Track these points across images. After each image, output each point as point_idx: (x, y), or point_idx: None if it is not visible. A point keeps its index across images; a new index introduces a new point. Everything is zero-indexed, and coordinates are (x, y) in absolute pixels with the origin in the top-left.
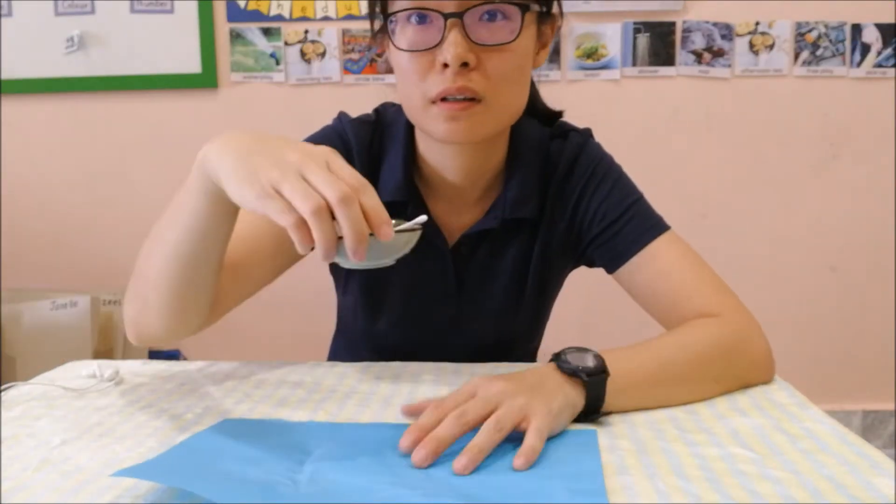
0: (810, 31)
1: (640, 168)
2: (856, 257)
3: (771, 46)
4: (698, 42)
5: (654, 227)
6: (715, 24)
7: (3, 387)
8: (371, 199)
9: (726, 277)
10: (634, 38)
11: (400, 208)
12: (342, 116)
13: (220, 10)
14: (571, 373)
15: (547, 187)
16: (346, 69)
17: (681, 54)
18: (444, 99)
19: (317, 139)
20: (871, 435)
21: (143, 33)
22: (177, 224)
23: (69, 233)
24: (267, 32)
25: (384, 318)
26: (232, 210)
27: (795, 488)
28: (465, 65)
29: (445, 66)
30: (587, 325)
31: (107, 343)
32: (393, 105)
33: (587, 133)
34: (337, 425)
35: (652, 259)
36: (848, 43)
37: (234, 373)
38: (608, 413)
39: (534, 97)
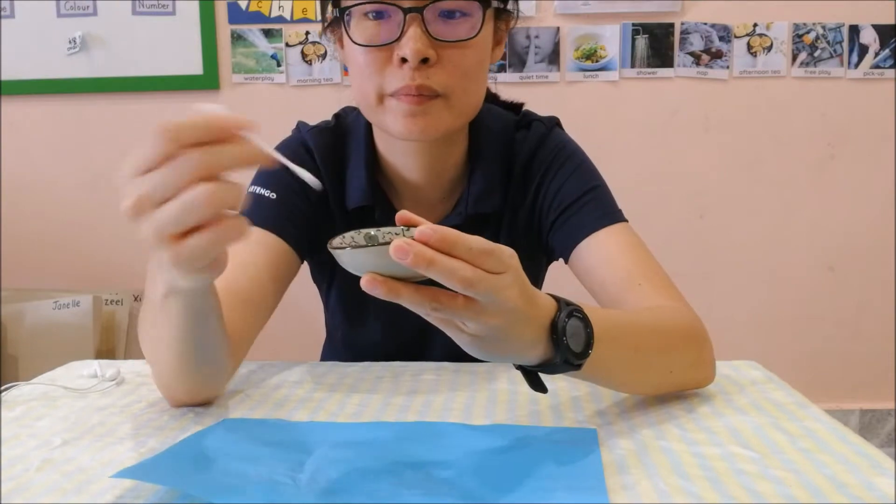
0: (808, 32)
1: (639, 169)
2: (854, 257)
3: (769, 48)
4: (696, 43)
5: (609, 214)
6: (713, 26)
7: (4, 386)
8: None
9: (724, 277)
10: (633, 40)
11: (367, 213)
12: (301, 126)
13: (221, 11)
14: (554, 348)
15: (509, 179)
16: (347, 70)
17: (679, 56)
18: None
19: (279, 150)
20: (869, 434)
21: (145, 35)
22: (162, 327)
23: (71, 233)
24: (268, 34)
25: (367, 323)
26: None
27: (796, 488)
28: (424, 61)
29: (404, 61)
30: None
31: (108, 342)
32: (354, 109)
33: (552, 122)
34: (337, 425)
35: (602, 244)
36: (846, 44)
37: (234, 373)
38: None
39: (492, 94)
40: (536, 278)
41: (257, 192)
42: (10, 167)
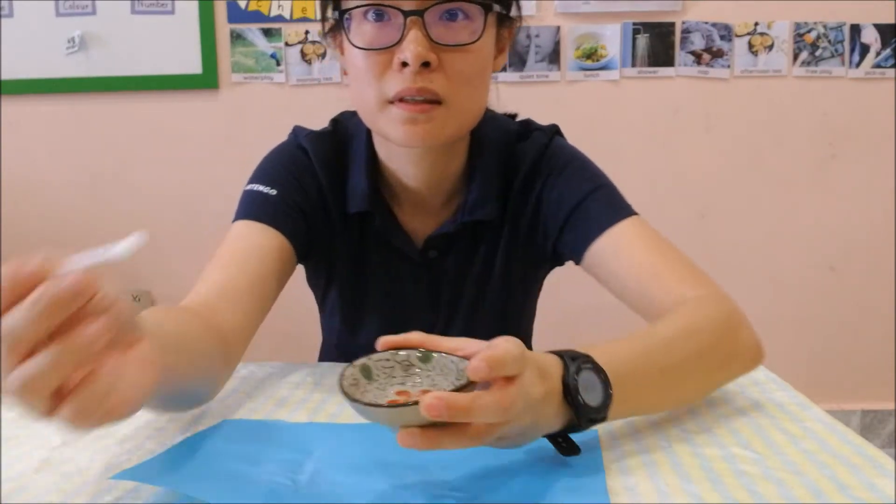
0: (809, 31)
1: (640, 169)
2: (855, 257)
3: (770, 47)
4: (697, 43)
5: (618, 210)
6: (714, 25)
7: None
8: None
9: (725, 277)
10: (634, 39)
11: (368, 218)
12: (298, 130)
13: (220, 10)
14: (574, 410)
15: (510, 189)
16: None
17: (680, 55)
18: (402, 99)
19: (279, 156)
20: (870, 434)
21: (144, 34)
22: None
23: (69, 233)
24: (267, 33)
25: (365, 331)
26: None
27: (797, 488)
28: (425, 65)
29: (404, 65)
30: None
31: None
32: (353, 114)
33: (552, 130)
34: (337, 426)
35: (615, 241)
36: (847, 43)
37: (234, 373)
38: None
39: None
40: (528, 286)
41: (256, 188)
42: (9, 167)
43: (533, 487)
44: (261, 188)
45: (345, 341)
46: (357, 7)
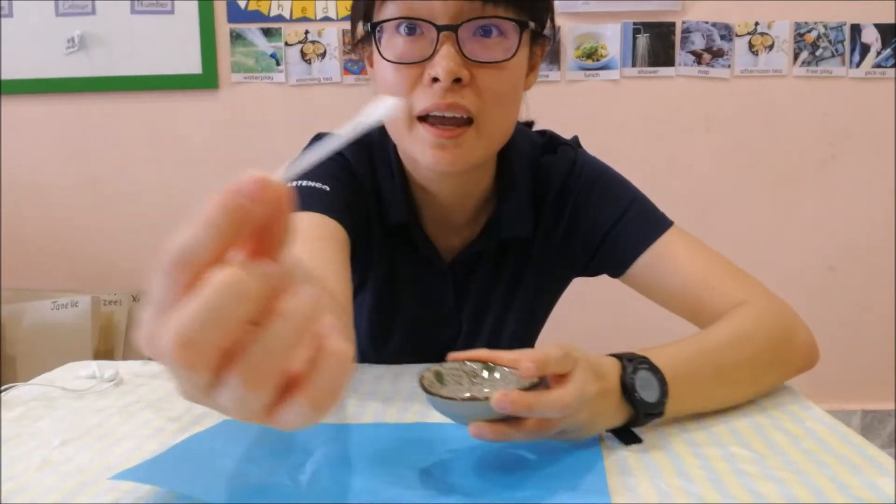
0: (809, 31)
1: (640, 168)
2: (855, 257)
3: (770, 47)
4: (698, 42)
5: (656, 224)
6: (714, 25)
7: (3, 387)
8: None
9: None
10: (634, 39)
11: (402, 229)
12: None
13: (220, 10)
14: (632, 406)
15: (541, 204)
16: (347, 69)
17: (680, 55)
18: (430, 116)
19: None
20: (870, 434)
21: (144, 34)
22: None
23: (70, 233)
24: (267, 33)
25: (392, 337)
26: None
27: (797, 488)
28: (456, 81)
29: (435, 80)
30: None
31: (107, 343)
32: None
33: (575, 143)
34: (338, 426)
35: (661, 256)
36: (847, 43)
37: None
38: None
39: None
40: (551, 299)
41: (305, 183)
42: (8, 166)
43: (533, 488)
44: (310, 183)
45: (368, 346)
46: (389, 20)
